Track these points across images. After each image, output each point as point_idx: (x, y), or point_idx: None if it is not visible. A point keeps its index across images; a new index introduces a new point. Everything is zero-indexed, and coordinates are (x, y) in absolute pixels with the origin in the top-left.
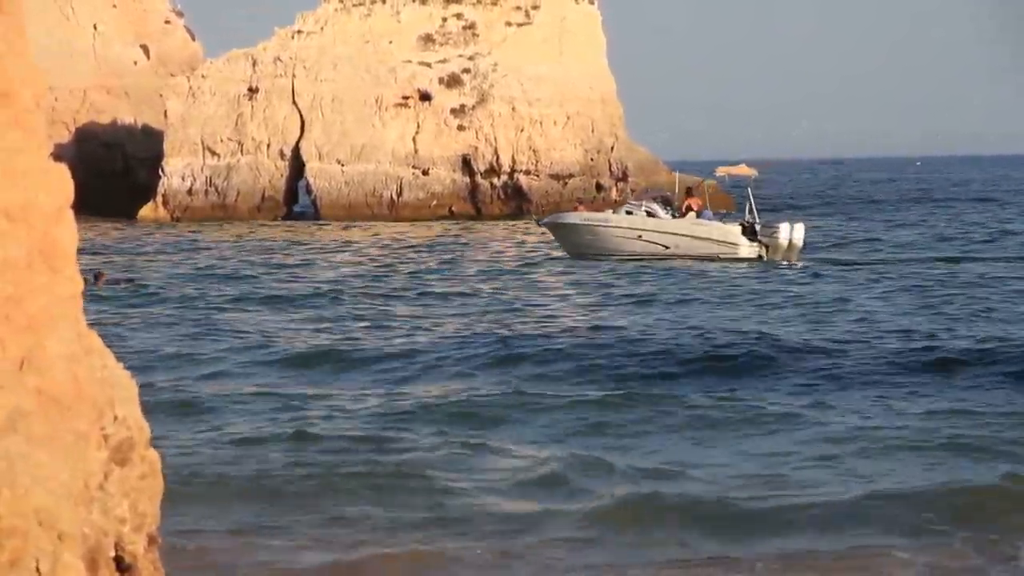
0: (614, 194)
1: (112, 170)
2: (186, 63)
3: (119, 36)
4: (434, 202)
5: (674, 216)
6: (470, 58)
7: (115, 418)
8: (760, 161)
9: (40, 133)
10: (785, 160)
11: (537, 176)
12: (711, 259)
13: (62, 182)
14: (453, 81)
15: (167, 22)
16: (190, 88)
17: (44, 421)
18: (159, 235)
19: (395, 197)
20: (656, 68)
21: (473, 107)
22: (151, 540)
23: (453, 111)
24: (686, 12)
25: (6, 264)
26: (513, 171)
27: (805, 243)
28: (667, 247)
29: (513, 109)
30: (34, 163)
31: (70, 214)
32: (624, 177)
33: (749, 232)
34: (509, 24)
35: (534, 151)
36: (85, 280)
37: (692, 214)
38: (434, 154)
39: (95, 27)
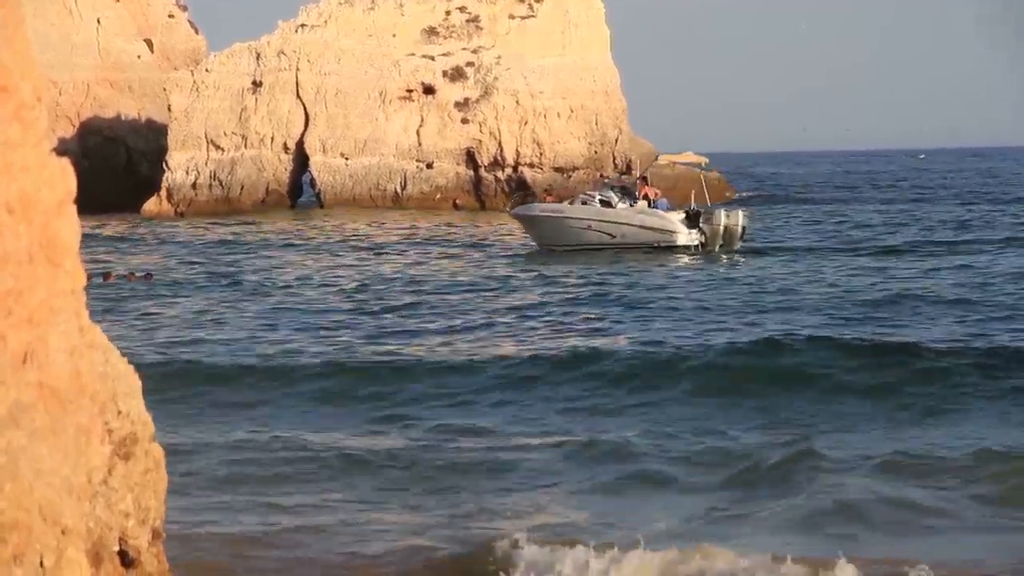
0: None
1: (115, 164)
2: (190, 57)
3: (122, 30)
4: (438, 195)
5: (631, 205)
6: (474, 51)
7: (118, 412)
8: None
9: (40, 127)
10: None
11: (541, 169)
12: (652, 247)
13: (63, 176)
14: (457, 74)
15: (170, 16)
16: (194, 82)
17: (46, 415)
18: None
19: (399, 190)
20: (661, 62)
21: (477, 100)
22: (155, 534)
23: (457, 104)
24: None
25: (7, 258)
26: (517, 164)
27: (744, 231)
28: (613, 236)
29: (517, 102)
30: (34, 157)
31: (72, 208)
32: (628, 170)
33: (693, 220)
34: (512, 17)
35: (538, 144)
36: (90, 277)
37: (643, 203)
38: (438, 147)
39: (98, 21)
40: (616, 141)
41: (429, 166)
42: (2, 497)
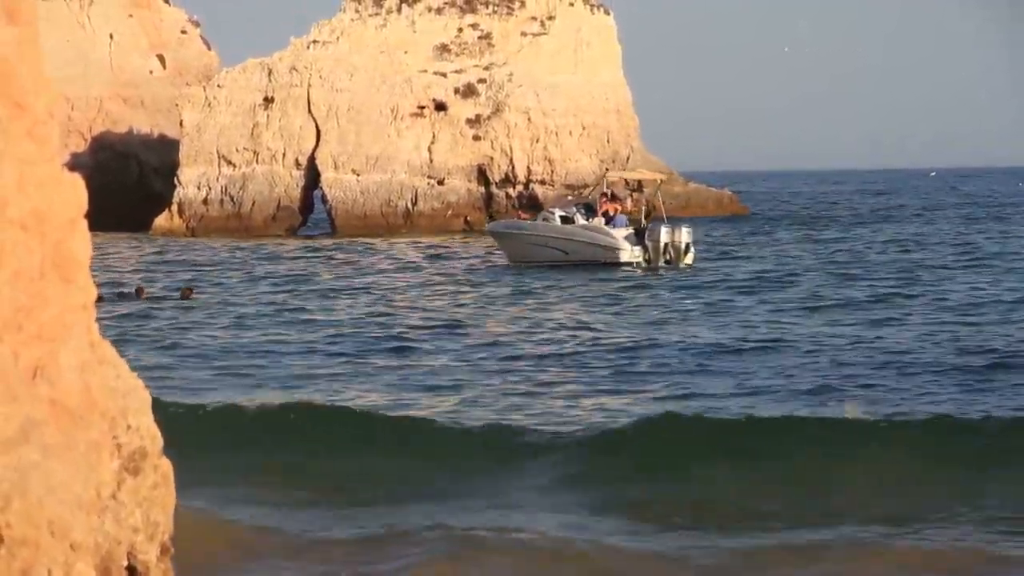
0: (629, 205)
1: (127, 179)
2: (202, 73)
3: (135, 46)
4: (449, 212)
5: (589, 220)
6: (485, 68)
7: (128, 427)
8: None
9: (53, 143)
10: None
11: (552, 186)
12: (597, 263)
13: (75, 192)
14: (468, 91)
15: (183, 32)
16: (206, 98)
17: (56, 431)
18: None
19: (410, 207)
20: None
21: (488, 117)
22: (164, 549)
23: (468, 121)
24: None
25: (19, 274)
26: (528, 181)
27: (688, 247)
28: (567, 253)
29: (528, 119)
30: (47, 173)
31: (84, 224)
32: (639, 188)
33: (641, 237)
34: (524, 34)
35: (549, 161)
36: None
37: (600, 219)
38: (449, 164)
39: (111, 36)
40: (628, 159)
41: (440, 183)
42: (11, 513)
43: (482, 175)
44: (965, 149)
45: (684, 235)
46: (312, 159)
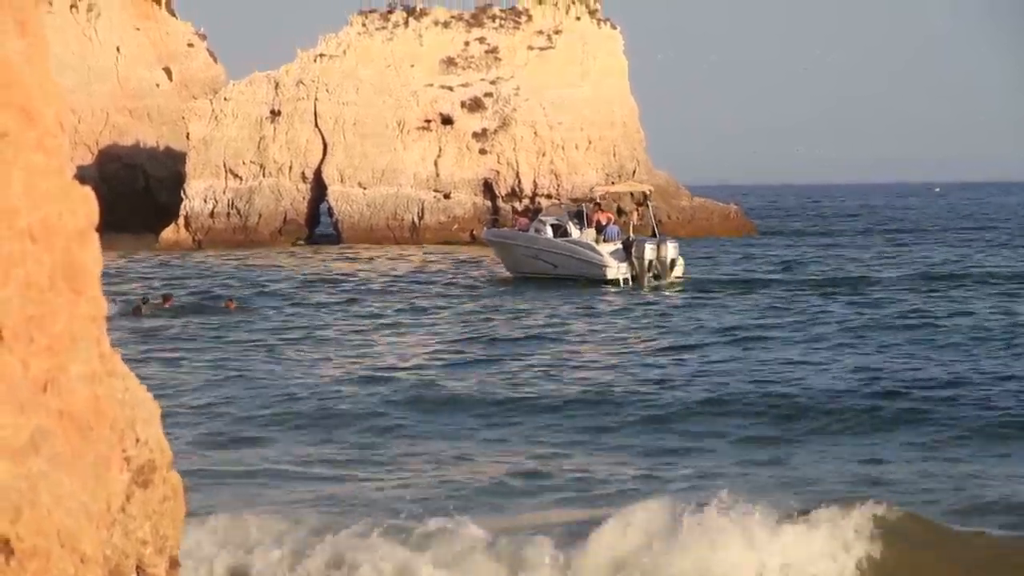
0: (635, 219)
1: (133, 191)
2: (208, 85)
3: (142, 58)
4: (455, 226)
5: (581, 231)
6: (492, 82)
7: (137, 440)
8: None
9: (63, 154)
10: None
11: (558, 200)
12: (584, 279)
13: (86, 203)
14: (475, 105)
15: (190, 44)
16: (212, 110)
17: (66, 442)
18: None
19: (416, 220)
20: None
21: (495, 131)
22: (173, 562)
23: (475, 135)
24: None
25: (29, 285)
26: (534, 195)
27: (675, 262)
28: (556, 267)
29: (535, 133)
30: (57, 184)
31: (94, 235)
32: (645, 201)
33: (629, 251)
34: (531, 48)
35: (555, 175)
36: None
37: (592, 230)
38: (456, 177)
39: (118, 49)
40: (634, 172)
41: (447, 196)
42: (21, 524)
43: (488, 189)
44: (967, 165)
45: (670, 250)
46: (318, 172)
